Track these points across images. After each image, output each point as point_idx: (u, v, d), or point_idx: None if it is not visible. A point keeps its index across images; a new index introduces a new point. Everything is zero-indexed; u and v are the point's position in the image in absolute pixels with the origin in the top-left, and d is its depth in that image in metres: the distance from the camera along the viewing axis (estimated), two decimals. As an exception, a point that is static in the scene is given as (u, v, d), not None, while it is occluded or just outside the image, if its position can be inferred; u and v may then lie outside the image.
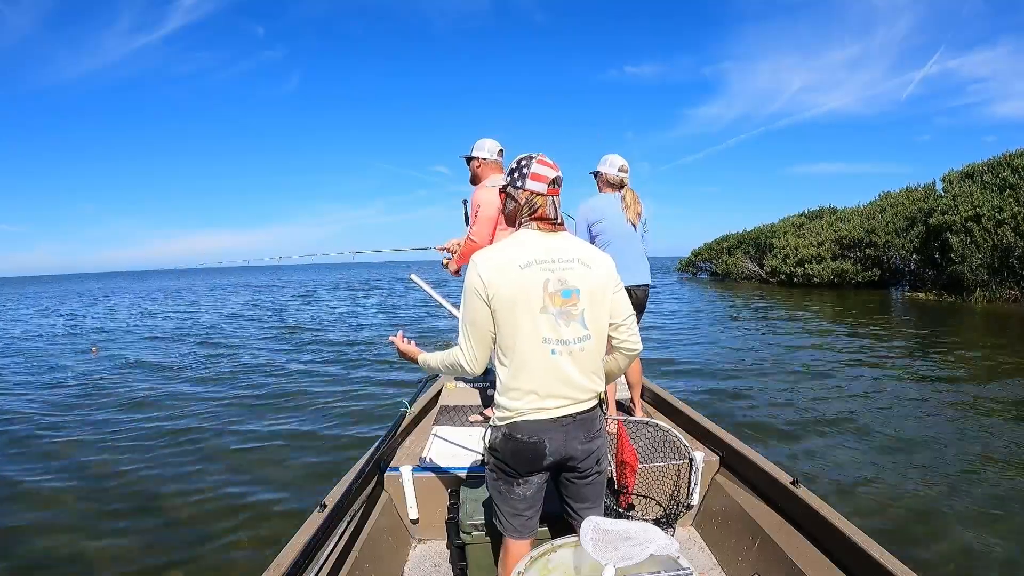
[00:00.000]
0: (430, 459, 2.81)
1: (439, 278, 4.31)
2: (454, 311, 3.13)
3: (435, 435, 3.15)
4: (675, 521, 2.65)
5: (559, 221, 1.61)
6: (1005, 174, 15.94)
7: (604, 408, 1.75)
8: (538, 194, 1.57)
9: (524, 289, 1.50)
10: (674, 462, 2.71)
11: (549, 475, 1.68)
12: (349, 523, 2.19)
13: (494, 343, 1.58)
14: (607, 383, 1.75)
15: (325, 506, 2.09)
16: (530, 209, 1.59)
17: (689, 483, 2.67)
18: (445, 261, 3.40)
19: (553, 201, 1.59)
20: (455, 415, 3.54)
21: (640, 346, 1.74)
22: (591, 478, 1.68)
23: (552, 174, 1.58)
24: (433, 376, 4.00)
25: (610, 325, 1.64)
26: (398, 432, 2.91)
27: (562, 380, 1.55)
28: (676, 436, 2.77)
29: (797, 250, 23.71)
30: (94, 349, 9.85)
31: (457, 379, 4.00)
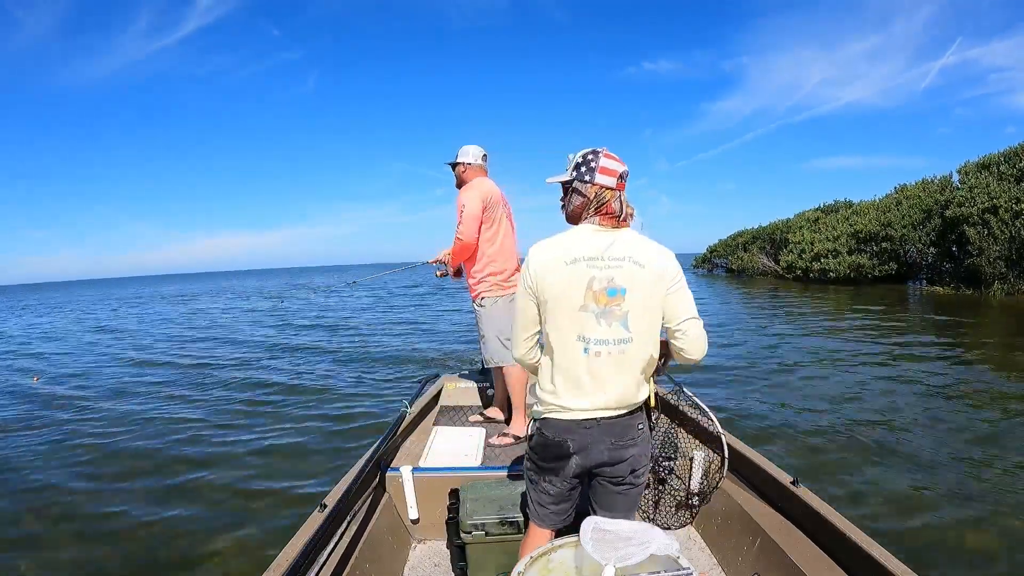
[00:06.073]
0: (430, 459, 2.83)
1: (440, 283, 4.35)
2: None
3: (435, 435, 3.17)
4: (674, 521, 2.65)
5: (623, 217, 1.55)
6: (1022, 164, 15.60)
7: (651, 415, 1.68)
8: (607, 188, 1.53)
9: (567, 285, 1.49)
10: (674, 462, 2.70)
11: (579, 482, 1.64)
12: (349, 523, 2.21)
13: (540, 335, 1.61)
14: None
15: (325, 506, 2.10)
16: (598, 203, 1.53)
17: (689, 483, 2.66)
18: (439, 274, 3.45)
19: (620, 196, 1.55)
20: (455, 415, 3.56)
21: (699, 355, 1.57)
22: (623, 487, 1.62)
23: (621, 168, 1.54)
24: (433, 376, 4.07)
25: (666, 329, 1.57)
26: (398, 432, 2.94)
27: (592, 381, 1.52)
28: (676, 435, 2.77)
29: (813, 245, 23.40)
30: (35, 378, 9.18)
31: (460, 377, 4.04)
